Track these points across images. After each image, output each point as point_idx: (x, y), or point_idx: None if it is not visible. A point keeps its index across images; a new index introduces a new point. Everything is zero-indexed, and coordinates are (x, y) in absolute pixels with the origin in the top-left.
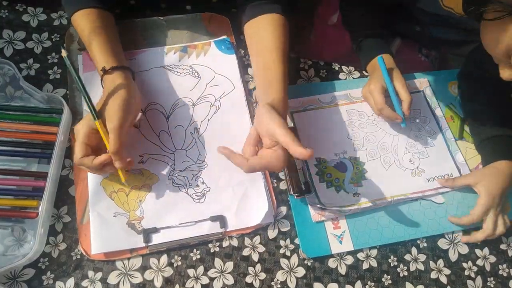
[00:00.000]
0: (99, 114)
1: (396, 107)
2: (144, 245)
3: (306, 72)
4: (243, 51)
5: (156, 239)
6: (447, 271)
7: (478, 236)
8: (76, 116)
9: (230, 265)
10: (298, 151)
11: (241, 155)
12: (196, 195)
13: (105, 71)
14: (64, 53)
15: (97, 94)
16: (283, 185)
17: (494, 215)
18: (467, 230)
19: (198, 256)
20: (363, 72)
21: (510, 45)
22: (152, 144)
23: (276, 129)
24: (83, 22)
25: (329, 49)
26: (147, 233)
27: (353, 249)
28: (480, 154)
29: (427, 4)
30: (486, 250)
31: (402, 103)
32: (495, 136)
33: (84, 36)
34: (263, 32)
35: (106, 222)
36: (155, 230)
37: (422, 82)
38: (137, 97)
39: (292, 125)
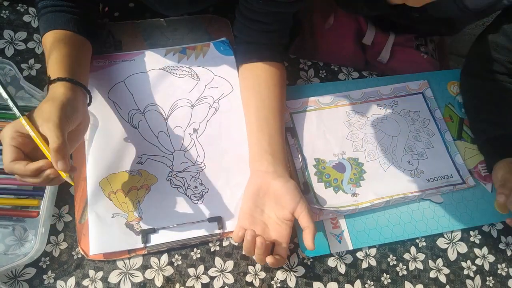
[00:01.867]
0: (32, 120)
1: None
2: (142, 245)
3: (306, 73)
4: None
5: (155, 239)
6: (446, 270)
7: None
8: None
9: (230, 264)
10: (310, 243)
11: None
12: (194, 196)
13: (49, 81)
14: None
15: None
16: None
17: None
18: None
19: (199, 255)
20: (363, 73)
21: None
22: (150, 145)
23: (306, 211)
24: (49, 39)
25: (330, 52)
26: (146, 234)
27: (352, 248)
28: (484, 153)
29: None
30: (485, 250)
31: None
32: (502, 135)
33: (46, 50)
34: (264, 88)
35: (104, 223)
36: (154, 230)
37: (422, 84)
38: (80, 112)
39: (291, 125)
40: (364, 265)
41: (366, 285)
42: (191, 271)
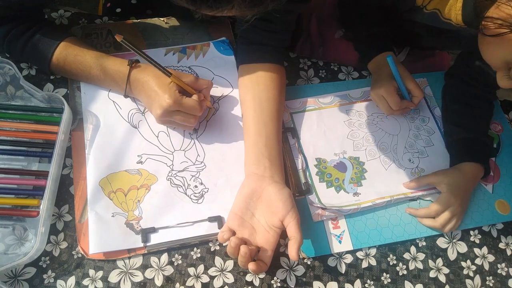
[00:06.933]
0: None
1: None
2: (142, 245)
3: (306, 73)
4: None
5: (155, 239)
6: (446, 270)
7: (427, 222)
8: (76, 116)
9: (230, 263)
10: (294, 254)
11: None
12: (194, 195)
13: (132, 65)
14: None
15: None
16: None
17: (450, 214)
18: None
19: (199, 255)
20: (362, 72)
21: (508, 60)
22: (151, 144)
23: (296, 221)
24: (67, 50)
25: (339, 60)
26: (145, 233)
27: (352, 249)
28: (449, 153)
29: (424, 19)
30: (485, 249)
31: (413, 98)
32: (466, 138)
33: (76, 57)
34: (263, 91)
35: (104, 222)
36: (154, 230)
37: (422, 82)
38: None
39: (292, 125)
40: (364, 264)
41: (366, 285)
42: (191, 270)
